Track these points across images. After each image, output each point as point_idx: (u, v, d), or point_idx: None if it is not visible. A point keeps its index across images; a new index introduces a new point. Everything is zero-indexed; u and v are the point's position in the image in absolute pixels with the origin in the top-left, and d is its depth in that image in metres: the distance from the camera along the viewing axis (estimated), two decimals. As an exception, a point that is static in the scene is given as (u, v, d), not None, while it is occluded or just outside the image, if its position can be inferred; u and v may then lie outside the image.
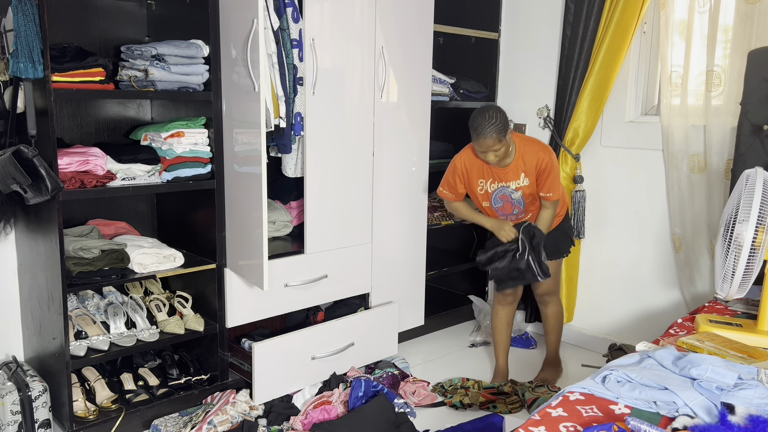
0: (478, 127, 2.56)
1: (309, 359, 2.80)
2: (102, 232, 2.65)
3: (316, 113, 2.75)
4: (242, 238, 2.57)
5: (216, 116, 2.57)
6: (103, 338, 2.49)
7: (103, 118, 2.77)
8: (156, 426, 2.51)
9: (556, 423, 1.41)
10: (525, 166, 2.72)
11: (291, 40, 2.60)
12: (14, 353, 2.65)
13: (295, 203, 3.08)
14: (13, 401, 2.32)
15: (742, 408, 1.39)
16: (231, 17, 2.45)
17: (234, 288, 2.69)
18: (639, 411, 1.47)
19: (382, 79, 2.98)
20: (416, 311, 3.40)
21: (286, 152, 2.73)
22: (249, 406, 2.61)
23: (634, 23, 3.06)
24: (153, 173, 2.52)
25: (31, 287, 2.52)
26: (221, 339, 2.72)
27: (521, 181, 2.73)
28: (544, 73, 3.53)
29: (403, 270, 3.29)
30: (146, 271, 2.52)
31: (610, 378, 1.57)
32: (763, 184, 1.95)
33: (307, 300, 2.90)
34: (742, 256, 1.93)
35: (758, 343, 1.90)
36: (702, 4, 2.92)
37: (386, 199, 3.13)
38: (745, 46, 2.78)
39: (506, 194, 2.78)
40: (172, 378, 2.71)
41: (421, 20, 3.12)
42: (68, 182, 2.27)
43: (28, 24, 2.09)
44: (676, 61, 3.03)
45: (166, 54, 2.45)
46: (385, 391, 2.65)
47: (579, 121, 3.30)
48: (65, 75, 2.23)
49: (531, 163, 2.71)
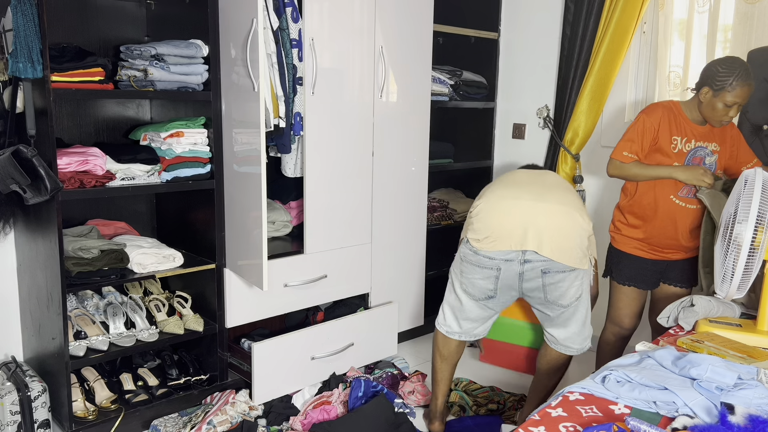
0: (742, 74, 2.28)
1: (308, 359, 2.79)
2: (101, 232, 2.65)
3: (315, 113, 2.74)
4: (242, 238, 2.57)
5: (215, 116, 2.57)
6: (102, 338, 2.49)
7: (102, 118, 2.76)
8: (155, 426, 2.51)
9: (555, 423, 1.41)
10: (715, 132, 2.49)
11: (290, 39, 2.60)
12: (13, 353, 2.64)
13: (294, 203, 3.08)
14: (13, 401, 2.32)
15: (741, 408, 1.39)
16: (230, 17, 2.45)
17: (233, 288, 2.68)
18: (639, 411, 1.46)
19: (382, 78, 2.98)
20: (416, 311, 3.39)
21: (285, 152, 2.73)
22: (248, 407, 2.61)
23: (633, 23, 3.06)
24: (152, 173, 2.51)
25: (31, 287, 2.52)
26: (221, 339, 2.72)
27: (714, 145, 2.47)
28: (544, 73, 3.53)
29: (403, 270, 3.29)
30: (146, 271, 2.52)
31: (610, 378, 1.57)
32: (763, 184, 1.95)
33: (306, 300, 2.90)
34: (741, 256, 1.93)
35: (758, 343, 1.90)
36: (702, 3, 2.93)
37: (386, 199, 3.13)
38: (745, 46, 2.78)
39: (701, 156, 2.46)
40: (172, 378, 2.71)
41: (420, 20, 3.11)
42: (67, 182, 2.27)
43: (28, 24, 2.09)
44: (675, 61, 3.04)
45: (166, 54, 2.45)
46: (385, 392, 2.65)
47: (579, 121, 3.30)
48: (64, 75, 2.23)
49: (722, 132, 2.49)
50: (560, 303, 2.34)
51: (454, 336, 2.53)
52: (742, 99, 2.31)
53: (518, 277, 2.32)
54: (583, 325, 2.44)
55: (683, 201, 2.45)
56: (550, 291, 2.33)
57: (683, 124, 2.45)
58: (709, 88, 2.35)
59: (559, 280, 2.30)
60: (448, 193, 3.86)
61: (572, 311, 2.38)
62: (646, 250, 2.56)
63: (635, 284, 2.61)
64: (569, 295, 2.33)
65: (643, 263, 2.57)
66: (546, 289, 2.32)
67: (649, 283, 2.61)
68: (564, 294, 2.32)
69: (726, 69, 2.30)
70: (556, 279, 2.30)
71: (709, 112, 2.38)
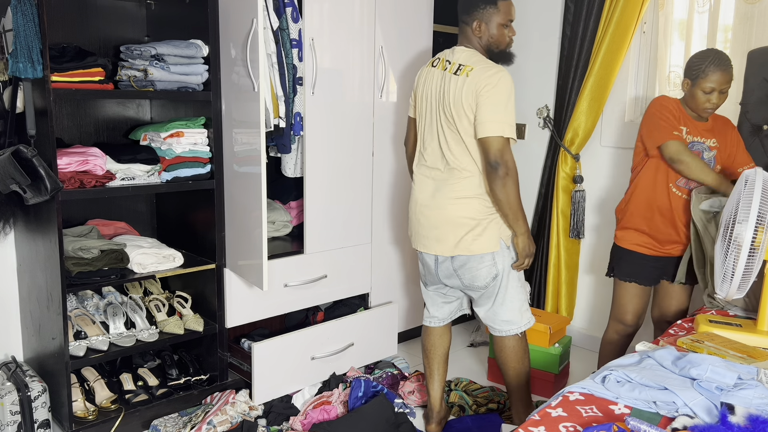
0: (715, 59, 2.32)
1: (308, 359, 2.79)
2: (101, 232, 2.65)
3: (315, 113, 2.75)
4: (242, 238, 2.57)
5: (215, 116, 2.57)
6: (102, 338, 2.49)
7: (102, 118, 2.76)
8: (155, 426, 2.51)
9: (555, 423, 1.41)
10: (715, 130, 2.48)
11: (290, 39, 2.60)
12: (13, 353, 2.64)
13: (294, 203, 3.08)
14: (13, 401, 2.32)
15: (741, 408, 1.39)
16: (230, 17, 2.45)
17: (233, 288, 2.68)
18: (639, 411, 1.46)
19: (382, 78, 2.98)
20: (416, 311, 3.39)
21: (285, 152, 2.73)
22: (248, 407, 2.61)
23: (633, 23, 3.06)
24: (152, 173, 2.51)
25: (31, 287, 2.52)
26: (221, 339, 2.72)
27: (713, 141, 2.47)
28: (544, 73, 3.53)
29: (403, 270, 3.29)
30: (146, 271, 2.52)
31: (610, 378, 1.57)
32: (763, 184, 1.95)
33: (306, 300, 2.90)
34: (741, 256, 1.92)
35: (758, 343, 1.90)
36: (702, 4, 2.93)
37: (386, 199, 3.13)
38: (745, 46, 2.78)
39: (699, 150, 2.45)
40: (172, 378, 2.71)
41: (421, 20, 3.11)
42: (67, 182, 2.27)
43: (28, 24, 2.09)
44: (675, 61, 3.04)
45: (166, 54, 2.45)
46: (385, 392, 2.65)
47: (579, 121, 3.30)
48: (64, 75, 2.23)
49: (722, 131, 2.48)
50: (476, 286, 2.36)
51: (426, 322, 2.57)
52: (718, 84, 2.35)
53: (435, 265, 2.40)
54: (501, 305, 2.40)
55: (682, 192, 2.46)
56: (462, 275, 2.35)
57: (686, 119, 2.47)
58: (688, 79, 2.42)
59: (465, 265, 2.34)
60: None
61: (492, 292, 2.38)
62: (648, 247, 2.56)
63: (636, 280, 2.61)
64: (481, 276, 2.33)
65: (643, 259, 2.58)
66: (458, 273, 2.36)
67: (650, 279, 2.61)
68: (475, 276, 2.33)
69: (699, 58, 2.38)
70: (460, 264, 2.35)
71: (693, 103, 2.42)
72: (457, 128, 2.23)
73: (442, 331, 2.56)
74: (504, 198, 2.22)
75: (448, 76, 2.26)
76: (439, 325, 2.55)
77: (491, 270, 2.30)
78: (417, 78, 2.44)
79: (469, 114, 2.20)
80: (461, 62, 2.25)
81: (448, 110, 2.24)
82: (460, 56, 2.28)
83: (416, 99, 2.43)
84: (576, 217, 3.37)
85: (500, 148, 2.17)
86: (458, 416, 2.72)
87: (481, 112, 2.17)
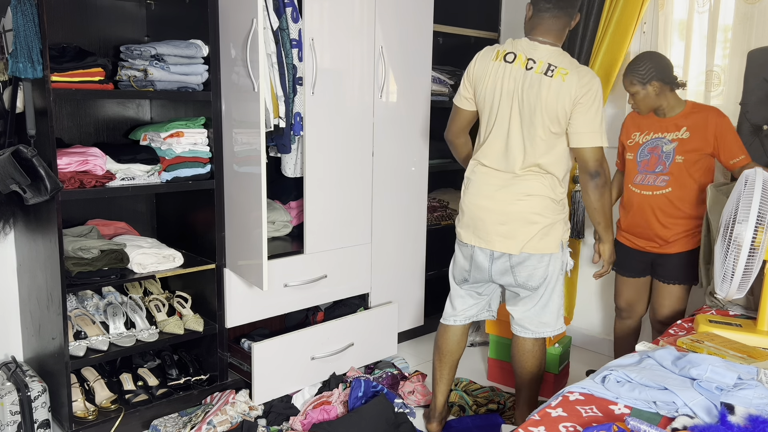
0: (630, 63, 2.54)
1: (308, 359, 2.79)
2: (101, 232, 2.65)
3: (315, 113, 2.75)
4: (242, 238, 2.57)
5: (215, 116, 2.57)
6: (102, 338, 2.49)
7: (102, 118, 2.76)
8: (155, 426, 2.51)
9: (555, 423, 1.41)
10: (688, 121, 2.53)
11: (290, 40, 2.60)
12: (13, 353, 2.64)
13: (294, 203, 3.08)
14: (13, 401, 2.32)
15: (741, 408, 1.39)
16: (230, 17, 2.45)
17: (233, 288, 2.68)
18: (639, 411, 1.46)
19: (382, 79, 2.98)
20: (416, 311, 3.39)
21: (285, 152, 2.73)
22: (248, 407, 2.61)
23: (633, 23, 3.06)
24: (152, 173, 2.51)
25: (31, 287, 2.52)
26: (221, 339, 2.72)
27: (680, 133, 2.51)
28: (544, 73, 3.53)
29: (403, 270, 3.29)
30: (145, 271, 2.52)
31: (610, 378, 1.57)
32: (763, 184, 1.95)
33: (306, 300, 2.90)
34: (741, 256, 1.93)
35: (758, 343, 1.90)
36: (701, 4, 2.93)
37: (386, 199, 3.13)
38: (745, 46, 2.78)
39: (658, 146, 2.55)
40: (172, 378, 2.71)
41: (421, 20, 3.11)
42: (67, 182, 2.27)
43: (28, 24, 2.09)
44: (675, 61, 3.03)
45: (166, 54, 2.45)
46: (385, 392, 2.65)
47: (578, 121, 3.30)
48: (64, 75, 2.23)
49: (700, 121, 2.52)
50: (529, 285, 2.33)
51: (449, 320, 2.52)
52: (626, 88, 2.57)
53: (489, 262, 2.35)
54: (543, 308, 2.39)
55: (639, 188, 2.59)
56: (518, 273, 2.32)
57: (646, 120, 2.62)
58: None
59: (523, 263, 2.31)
60: (448, 193, 3.85)
61: (539, 293, 2.36)
62: (627, 239, 2.71)
63: (620, 270, 2.76)
64: (537, 276, 2.31)
65: (627, 251, 2.71)
66: (514, 270, 2.32)
67: (635, 271, 2.73)
68: (532, 275, 2.31)
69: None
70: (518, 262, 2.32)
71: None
72: (543, 130, 2.18)
73: (461, 334, 2.53)
74: (600, 206, 2.27)
75: (534, 76, 2.17)
76: (461, 323, 2.52)
77: (546, 270, 2.31)
78: (475, 70, 2.32)
79: (562, 119, 2.17)
80: (551, 62, 2.16)
81: (534, 111, 2.17)
82: (544, 54, 2.18)
83: (476, 92, 2.32)
84: (576, 217, 3.37)
85: (599, 159, 2.21)
86: (458, 416, 2.72)
87: (580, 122, 2.16)
